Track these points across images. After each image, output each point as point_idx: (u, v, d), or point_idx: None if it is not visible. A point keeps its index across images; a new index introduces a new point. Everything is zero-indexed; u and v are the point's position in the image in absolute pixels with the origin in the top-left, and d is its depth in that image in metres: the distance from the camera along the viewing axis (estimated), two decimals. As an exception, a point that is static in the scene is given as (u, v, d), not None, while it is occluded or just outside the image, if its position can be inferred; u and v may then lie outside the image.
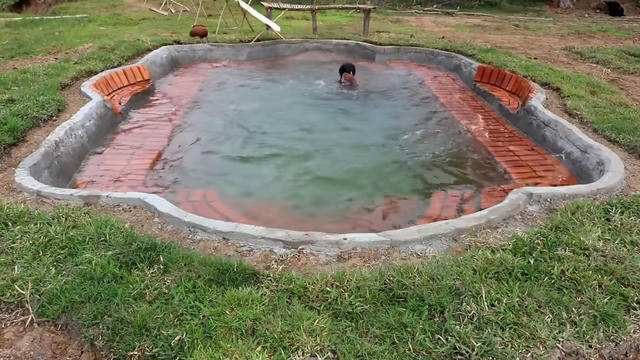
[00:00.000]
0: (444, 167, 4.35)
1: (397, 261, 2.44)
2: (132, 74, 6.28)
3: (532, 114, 4.92)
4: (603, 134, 4.25)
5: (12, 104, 4.48)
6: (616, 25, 12.39)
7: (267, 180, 4.08)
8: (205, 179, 4.09)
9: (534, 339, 1.93)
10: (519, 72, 6.15)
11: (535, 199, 3.11)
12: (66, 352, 2.00)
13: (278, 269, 2.36)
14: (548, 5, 16.74)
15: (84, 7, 14.13)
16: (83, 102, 4.94)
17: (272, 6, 9.42)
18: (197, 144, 4.79)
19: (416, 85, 7.04)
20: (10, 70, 5.93)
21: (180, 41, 8.33)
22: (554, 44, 9.04)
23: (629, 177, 3.46)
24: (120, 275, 2.28)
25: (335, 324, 2.00)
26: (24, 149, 3.83)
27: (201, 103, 6.08)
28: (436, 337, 1.92)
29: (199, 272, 2.27)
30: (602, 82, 5.86)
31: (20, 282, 2.20)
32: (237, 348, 1.84)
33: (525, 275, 2.30)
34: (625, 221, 2.78)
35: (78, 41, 7.97)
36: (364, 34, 9.58)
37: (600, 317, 2.06)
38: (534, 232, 2.68)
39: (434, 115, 5.76)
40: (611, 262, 2.39)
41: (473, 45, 8.14)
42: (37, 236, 2.54)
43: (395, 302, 2.13)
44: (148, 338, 1.92)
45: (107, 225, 2.64)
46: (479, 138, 4.94)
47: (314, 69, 7.77)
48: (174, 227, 2.79)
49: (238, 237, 2.65)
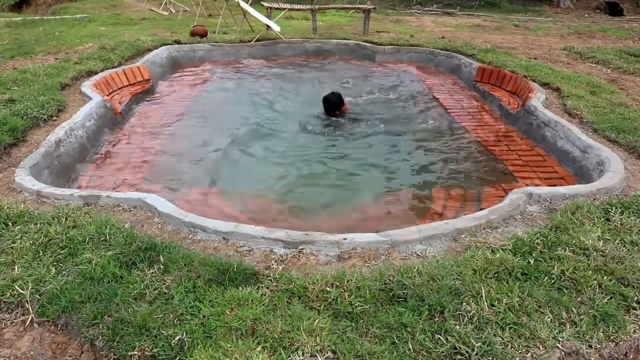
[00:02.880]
0: (444, 167, 4.35)
1: (397, 261, 2.44)
2: (132, 74, 6.28)
3: (532, 114, 4.92)
4: (603, 134, 4.25)
5: (12, 104, 4.49)
6: (616, 25, 12.39)
7: (267, 180, 4.08)
8: (205, 178, 4.09)
9: (534, 339, 1.93)
10: (519, 72, 6.15)
11: (535, 199, 3.11)
12: (66, 352, 2.00)
13: (278, 269, 2.36)
14: (548, 5, 16.73)
15: (84, 7, 14.12)
16: (83, 102, 4.94)
17: (272, 6, 9.42)
18: (198, 144, 4.78)
19: (416, 85, 7.04)
20: (10, 70, 5.93)
21: (181, 41, 8.33)
22: (554, 44, 9.04)
23: (629, 177, 3.46)
24: (120, 275, 2.28)
25: (335, 324, 2.00)
26: (24, 149, 3.83)
27: (201, 103, 6.08)
28: (436, 337, 1.92)
29: (199, 272, 2.28)
30: (602, 82, 5.85)
31: (20, 282, 2.20)
32: (237, 348, 1.84)
33: (525, 275, 2.30)
34: (625, 221, 2.78)
35: (78, 41, 7.97)
36: (364, 34, 9.58)
37: (600, 317, 2.06)
38: (534, 232, 2.68)
39: (434, 115, 5.75)
40: (611, 262, 2.39)
41: (473, 45, 8.14)
42: (37, 236, 2.54)
43: (395, 302, 2.13)
44: (148, 338, 1.92)
45: (107, 225, 2.64)
46: (479, 138, 4.94)
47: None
48: (174, 227, 2.79)
49: (238, 237, 2.65)
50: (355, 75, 7.53)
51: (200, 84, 6.94)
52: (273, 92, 6.62)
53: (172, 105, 5.92)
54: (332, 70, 7.91)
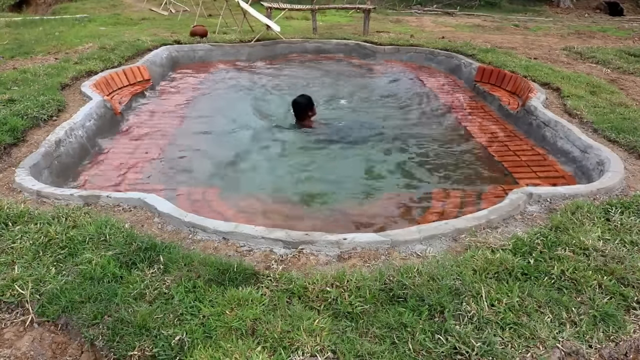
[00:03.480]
0: (444, 167, 4.35)
1: (397, 261, 2.44)
2: (132, 74, 6.28)
3: (532, 114, 4.92)
4: (603, 134, 4.25)
5: (12, 104, 4.48)
6: (616, 25, 12.39)
7: (268, 180, 4.08)
8: (205, 178, 4.09)
9: (534, 339, 1.93)
10: (519, 72, 6.15)
11: (535, 199, 3.11)
12: (66, 352, 2.00)
13: (278, 269, 2.36)
14: (548, 5, 16.74)
15: (84, 7, 14.12)
16: (83, 102, 4.94)
17: (272, 6, 9.43)
18: (199, 144, 4.78)
19: (415, 85, 7.04)
20: (10, 70, 5.93)
21: (180, 41, 8.33)
22: (554, 44, 9.04)
23: (629, 177, 3.46)
24: (120, 275, 2.28)
25: (335, 324, 2.00)
26: (24, 149, 3.83)
27: (202, 102, 6.08)
28: (436, 337, 1.92)
29: (199, 272, 2.28)
30: (602, 82, 5.85)
31: (20, 282, 2.20)
32: (237, 348, 1.84)
33: (525, 275, 2.30)
34: (625, 221, 2.78)
35: (78, 41, 7.97)
36: (364, 34, 9.59)
37: (600, 317, 2.06)
38: (534, 232, 2.68)
39: (434, 115, 5.75)
40: (611, 262, 2.39)
41: (473, 45, 8.14)
42: (37, 236, 2.54)
43: (395, 302, 2.13)
44: (148, 338, 1.92)
45: (107, 225, 2.64)
46: (479, 138, 4.94)
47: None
48: (174, 227, 2.79)
49: (238, 237, 2.65)
50: (354, 75, 7.53)
51: (200, 83, 6.94)
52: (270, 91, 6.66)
53: (172, 105, 5.92)
54: (332, 70, 7.91)
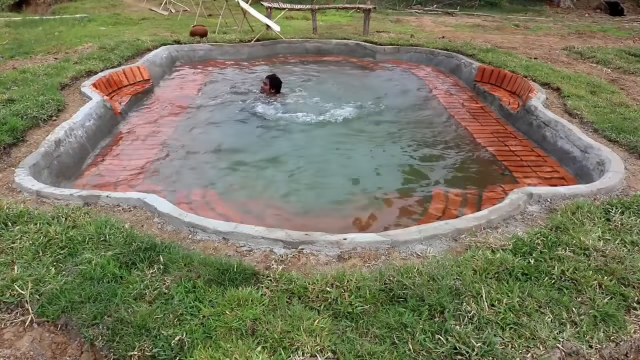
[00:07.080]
0: (444, 167, 4.35)
1: (397, 261, 2.44)
2: (132, 74, 6.28)
3: (533, 114, 4.92)
4: (603, 134, 4.25)
5: (12, 103, 4.48)
6: (616, 25, 12.39)
7: (268, 179, 4.08)
8: (205, 178, 4.08)
9: (534, 339, 1.93)
10: (519, 72, 6.15)
11: (536, 199, 3.11)
12: (66, 352, 2.00)
13: (278, 269, 2.36)
14: (548, 5, 16.73)
15: (83, 7, 14.12)
16: (83, 102, 4.94)
17: (272, 6, 9.43)
18: (199, 144, 4.78)
19: (415, 85, 7.03)
20: (10, 70, 5.93)
21: (180, 41, 8.33)
22: (554, 43, 9.04)
23: (629, 177, 3.46)
24: (120, 276, 2.28)
25: (335, 324, 2.00)
26: (24, 149, 3.83)
27: (202, 102, 6.08)
28: (436, 337, 1.92)
29: (199, 272, 2.27)
30: (602, 82, 5.85)
31: (20, 282, 2.20)
32: (237, 348, 1.84)
33: (526, 275, 2.30)
34: (626, 221, 2.78)
35: (78, 41, 7.97)
36: (364, 34, 9.58)
37: (600, 317, 2.06)
38: (534, 232, 2.68)
39: (434, 115, 5.75)
40: (611, 262, 2.39)
41: (473, 45, 8.14)
42: (37, 236, 2.54)
43: (395, 302, 2.13)
44: (148, 338, 1.92)
45: (107, 225, 2.64)
46: (479, 138, 4.94)
47: None
48: (174, 227, 2.79)
49: (238, 237, 2.65)
50: (353, 75, 7.53)
51: (200, 83, 6.94)
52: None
53: (172, 105, 5.91)
54: (331, 70, 7.90)
